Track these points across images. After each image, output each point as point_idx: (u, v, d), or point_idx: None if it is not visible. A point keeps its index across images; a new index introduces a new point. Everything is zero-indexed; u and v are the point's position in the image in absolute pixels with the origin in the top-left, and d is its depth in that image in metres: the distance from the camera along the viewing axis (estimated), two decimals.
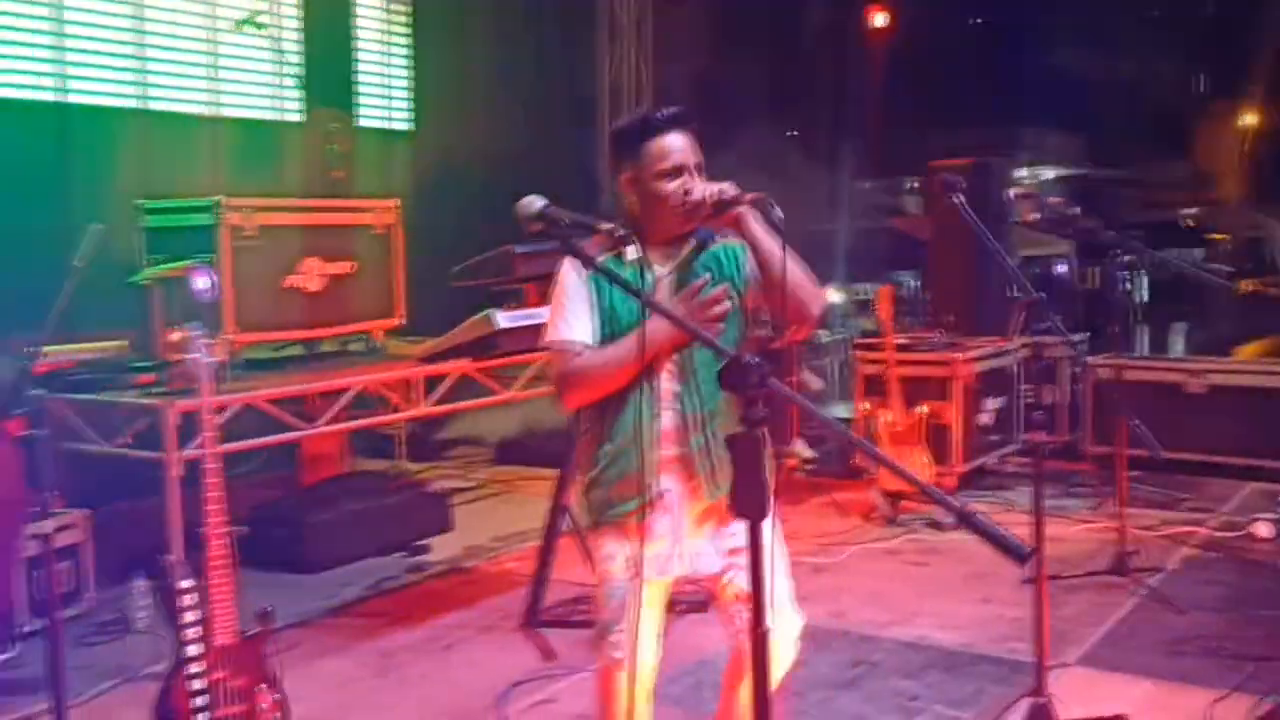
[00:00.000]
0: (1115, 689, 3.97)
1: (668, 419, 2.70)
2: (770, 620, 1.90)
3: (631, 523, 2.70)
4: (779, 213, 2.56)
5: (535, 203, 2.37)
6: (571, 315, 2.69)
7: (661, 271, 2.70)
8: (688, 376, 2.70)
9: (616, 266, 2.66)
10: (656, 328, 2.55)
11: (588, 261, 2.46)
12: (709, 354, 2.60)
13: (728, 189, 2.61)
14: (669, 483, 2.71)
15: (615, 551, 2.78)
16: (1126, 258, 9.43)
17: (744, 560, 2.01)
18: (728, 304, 2.54)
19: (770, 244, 2.60)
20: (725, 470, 2.64)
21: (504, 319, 4.29)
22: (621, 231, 2.61)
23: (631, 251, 2.59)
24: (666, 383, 2.70)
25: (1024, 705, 3.46)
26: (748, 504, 1.86)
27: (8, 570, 4.35)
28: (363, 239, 6.17)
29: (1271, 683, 3.91)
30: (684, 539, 2.77)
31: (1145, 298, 25.24)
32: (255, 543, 5.54)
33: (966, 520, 1.79)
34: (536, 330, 4.52)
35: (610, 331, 2.68)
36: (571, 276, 2.71)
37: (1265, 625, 4.49)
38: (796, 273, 2.65)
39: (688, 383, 2.70)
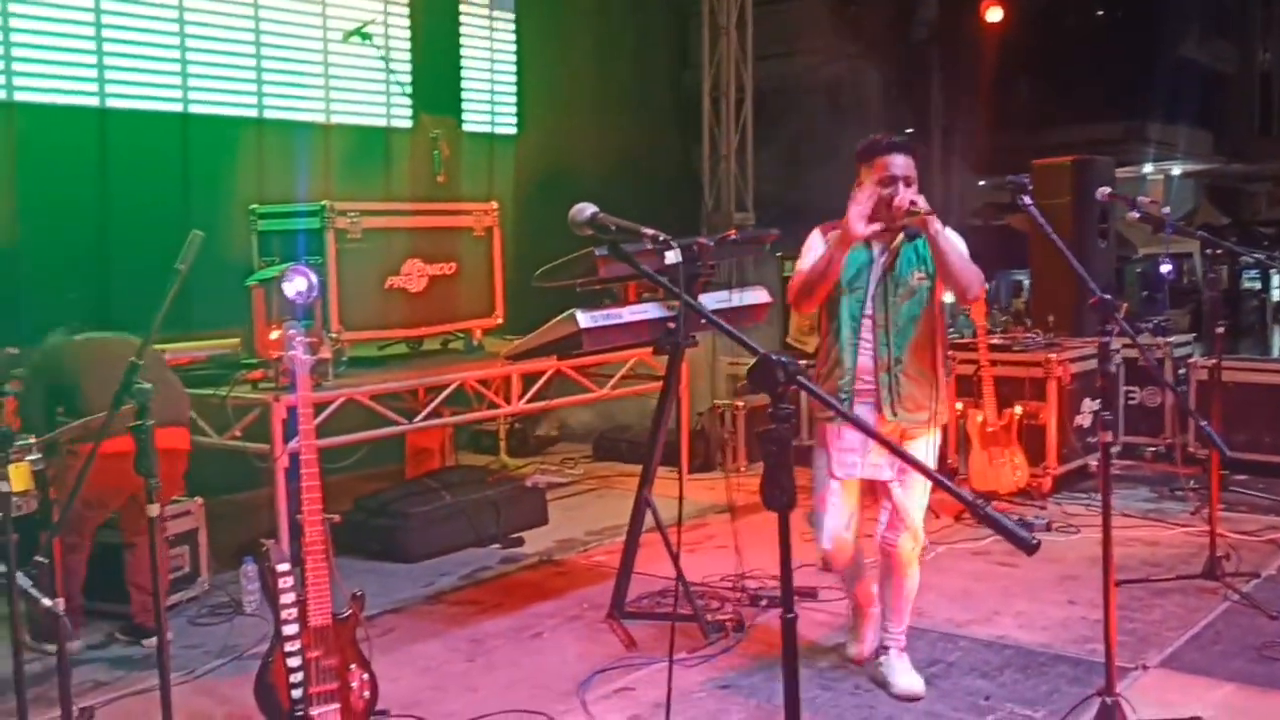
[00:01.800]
0: (1195, 692, 3.92)
1: (864, 359, 3.88)
2: (793, 610, 1.99)
3: (829, 427, 3.94)
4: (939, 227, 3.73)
5: (586, 210, 2.51)
6: (807, 257, 3.93)
7: (876, 251, 3.88)
8: (882, 329, 3.85)
9: (854, 249, 3.82)
10: (830, 253, 3.80)
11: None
12: (904, 312, 3.86)
13: (919, 200, 3.72)
14: (862, 407, 3.85)
15: (819, 455, 4.01)
16: (1255, 256, 9.13)
17: (908, 479, 3.91)
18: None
19: (945, 242, 3.76)
20: (906, 402, 3.86)
21: (587, 319, 4.42)
22: (662, 238, 2.74)
23: (671, 256, 2.74)
24: (866, 332, 3.87)
25: (1094, 704, 3.46)
26: (774, 497, 1.96)
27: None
28: (463, 241, 6.40)
29: None
30: (870, 451, 3.88)
31: (1277, 298, 24.13)
32: (359, 532, 5.85)
33: (976, 511, 1.86)
34: (621, 329, 4.67)
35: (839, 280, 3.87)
36: (816, 236, 3.98)
37: None
38: (962, 263, 3.78)
39: (883, 332, 3.85)
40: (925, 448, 3.97)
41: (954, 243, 3.80)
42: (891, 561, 4.09)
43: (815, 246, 3.94)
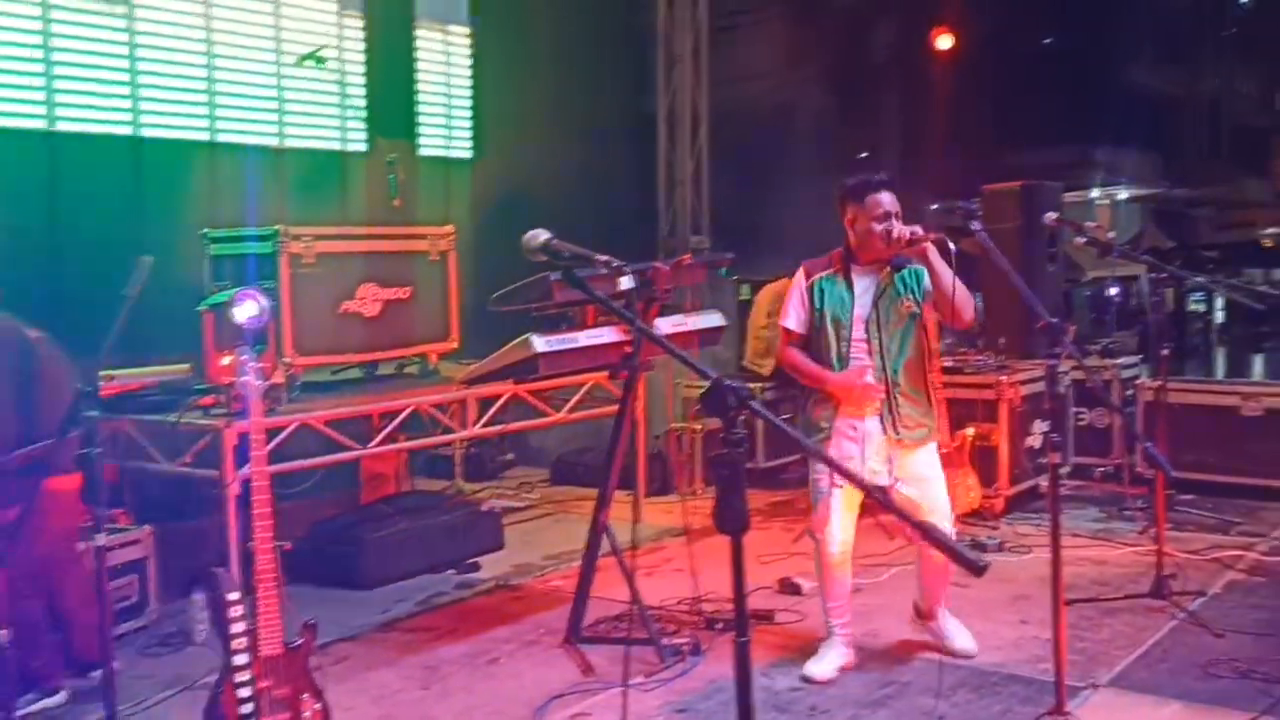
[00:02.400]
0: (1143, 710, 3.98)
1: (868, 378, 4.23)
2: (746, 635, 2.00)
3: (825, 444, 4.26)
4: (953, 247, 4.10)
5: (539, 235, 2.53)
6: (792, 309, 4.43)
7: (860, 286, 4.31)
8: (878, 354, 4.26)
9: (830, 282, 4.35)
10: (835, 383, 4.30)
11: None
12: (897, 336, 4.26)
13: (919, 230, 4.13)
14: (869, 423, 4.26)
15: (820, 466, 4.33)
16: (1198, 279, 9.32)
17: (919, 484, 4.34)
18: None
19: (943, 269, 4.15)
20: (905, 420, 4.28)
21: (543, 343, 4.43)
22: (615, 264, 2.77)
23: (625, 282, 2.76)
24: (865, 358, 4.27)
25: None
26: (728, 521, 1.97)
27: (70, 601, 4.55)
28: (419, 265, 6.39)
29: None
30: (868, 462, 4.28)
31: (1221, 320, 24.64)
32: (312, 559, 5.79)
33: (924, 532, 1.89)
34: (577, 354, 4.68)
35: (819, 323, 4.36)
36: (798, 280, 4.44)
37: None
38: (960, 289, 4.13)
39: (879, 357, 4.26)
40: (930, 455, 4.42)
41: (948, 270, 4.17)
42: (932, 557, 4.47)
43: (795, 293, 4.43)
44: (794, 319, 4.43)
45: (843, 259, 4.39)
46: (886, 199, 4.24)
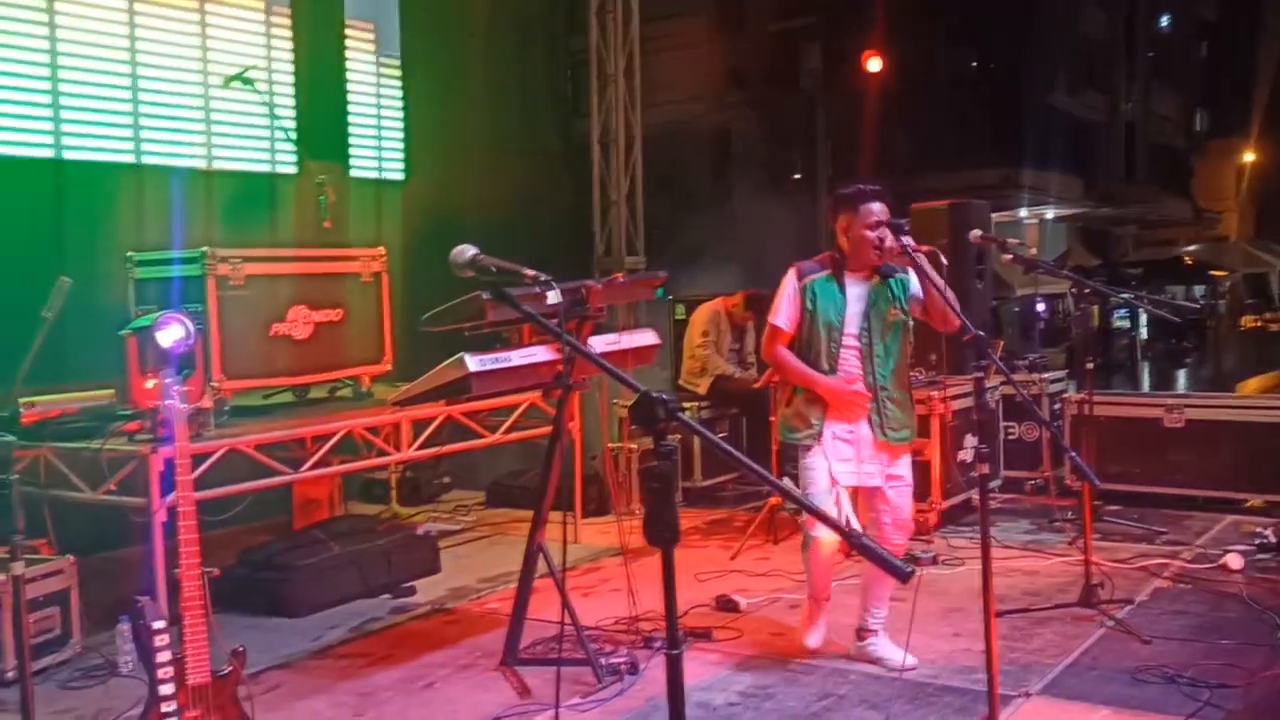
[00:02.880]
0: (1074, 717, 4.04)
1: (859, 386, 4.46)
2: (678, 646, 1.99)
3: (806, 445, 4.48)
4: (944, 260, 4.34)
5: (466, 251, 2.52)
6: (783, 307, 4.54)
7: (853, 291, 4.49)
8: (869, 359, 4.48)
9: (824, 285, 4.51)
10: (827, 388, 4.47)
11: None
12: (884, 345, 4.48)
13: (912, 242, 4.23)
14: (862, 427, 4.48)
15: (817, 464, 4.50)
16: (1124, 295, 9.52)
17: (896, 484, 4.55)
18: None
19: (937, 280, 4.32)
20: (892, 422, 4.49)
21: (475, 363, 4.39)
22: (543, 278, 2.77)
23: (552, 296, 2.76)
24: (855, 361, 4.48)
25: None
26: (657, 534, 1.97)
27: None
28: (350, 287, 6.33)
29: (1227, 710, 3.98)
30: (863, 463, 4.50)
31: (1145, 335, 25.30)
32: (243, 586, 5.68)
33: (854, 542, 1.90)
34: (510, 373, 4.65)
35: (810, 324, 4.51)
36: (790, 280, 4.55)
37: (1227, 654, 4.55)
38: (950, 297, 4.26)
39: (869, 362, 4.48)
40: (907, 458, 4.64)
41: (940, 281, 4.37)
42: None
43: (787, 292, 4.55)
44: (784, 317, 4.56)
45: (835, 263, 4.56)
46: (879, 208, 4.42)
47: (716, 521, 7.53)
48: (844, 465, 4.52)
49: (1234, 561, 5.78)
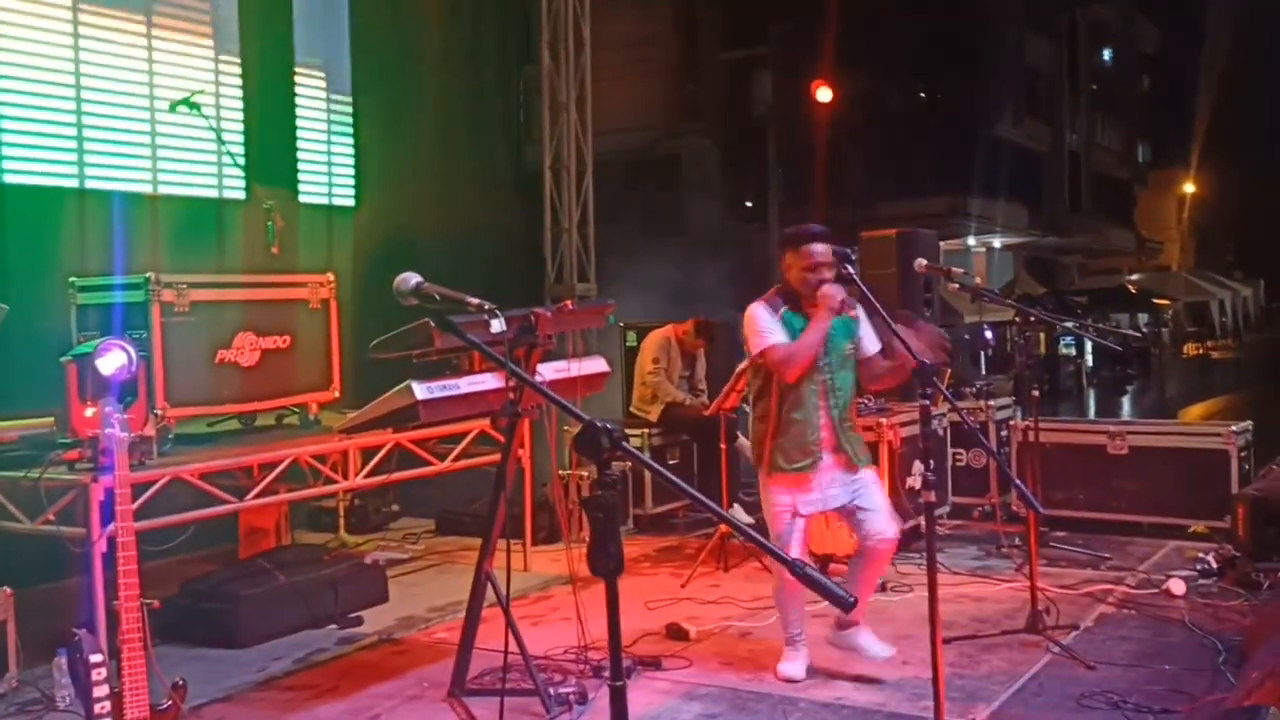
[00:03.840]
0: None
1: (823, 415, 4.65)
2: (622, 678, 1.99)
3: (804, 475, 4.64)
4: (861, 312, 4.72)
5: (410, 279, 2.51)
6: (773, 331, 4.62)
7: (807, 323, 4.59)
8: (831, 391, 4.64)
9: (791, 318, 4.63)
10: (818, 329, 4.56)
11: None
12: (842, 377, 4.67)
13: (844, 300, 4.55)
14: (825, 454, 4.64)
15: (785, 500, 4.68)
16: (1068, 323, 9.67)
17: (864, 490, 4.73)
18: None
19: (885, 331, 4.48)
20: (859, 450, 4.75)
21: (423, 390, 4.37)
22: (488, 305, 2.77)
23: (496, 325, 2.76)
24: (821, 395, 4.63)
25: None
26: (601, 564, 1.96)
27: None
28: (298, 313, 6.27)
29: None
30: (827, 489, 4.68)
31: (1091, 363, 25.67)
32: (186, 617, 5.58)
33: (795, 572, 1.90)
34: (458, 401, 4.64)
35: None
36: (763, 311, 4.67)
37: (1170, 679, 4.61)
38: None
39: (831, 394, 4.64)
40: (874, 474, 4.85)
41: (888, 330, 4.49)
42: (881, 552, 4.79)
43: (768, 321, 4.64)
44: (779, 336, 4.62)
45: (790, 299, 4.69)
46: (820, 249, 4.57)
47: (667, 549, 7.52)
48: (811, 495, 4.69)
49: (1177, 587, 5.86)
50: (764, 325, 4.65)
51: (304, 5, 8.39)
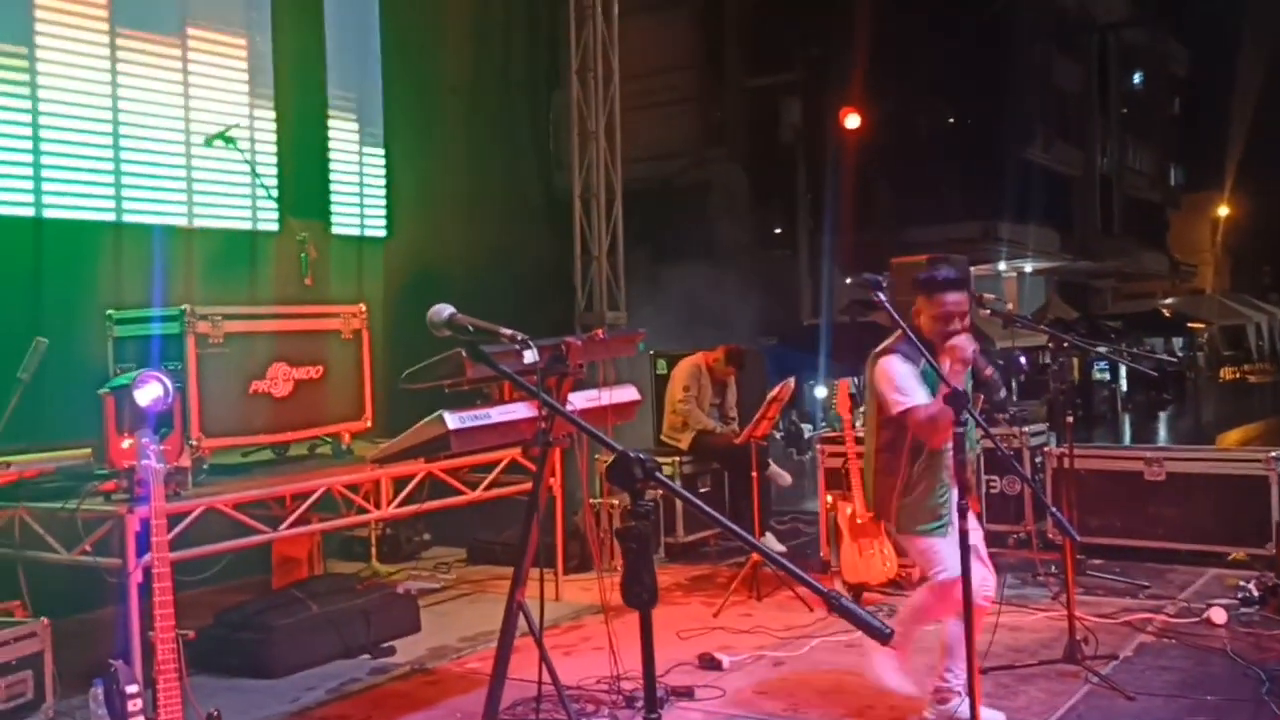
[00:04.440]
0: None
1: (952, 473, 4.10)
2: (656, 710, 1.98)
3: (936, 538, 4.33)
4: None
5: (443, 311, 2.52)
6: (915, 390, 4.30)
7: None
8: (960, 447, 3.94)
9: (928, 371, 4.29)
10: (958, 357, 4.25)
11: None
12: (971, 429, 4.18)
13: (969, 349, 4.25)
14: (951, 515, 4.18)
15: (949, 548, 4.16)
16: (1102, 349, 9.59)
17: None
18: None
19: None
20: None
21: (455, 420, 4.39)
22: (520, 337, 2.77)
23: (529, 356, 2.76)
24: (953, 450, 4.01)
25: None
26: (635, 595, 1.95)
27: None
28: (330, 344, 6.32)
29: None
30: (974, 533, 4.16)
31: (1125, 388, 25.41)
32: (220, 647, 5.61)
33: (832, 604, 1.89)
34: (490, 430, 4.65)
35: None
36: (900, 363, 4.35)
37: (1212, 710, 4.53)
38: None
39: (961, 449, 3.97)
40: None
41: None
42: (987, 612, 4.64)
43: (910, 379, 4.33)
44: (923, 394, 4.32)
45: (922, 346, 4.25)
46: (952, 300, 4.37)
47: (699, 577, 7.48)
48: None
49: (1218, 616, 5.77)
50: (906, 383, 4.33)
51: (336, 38, 8.51)
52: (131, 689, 3.39)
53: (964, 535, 3.73)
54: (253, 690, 5.35)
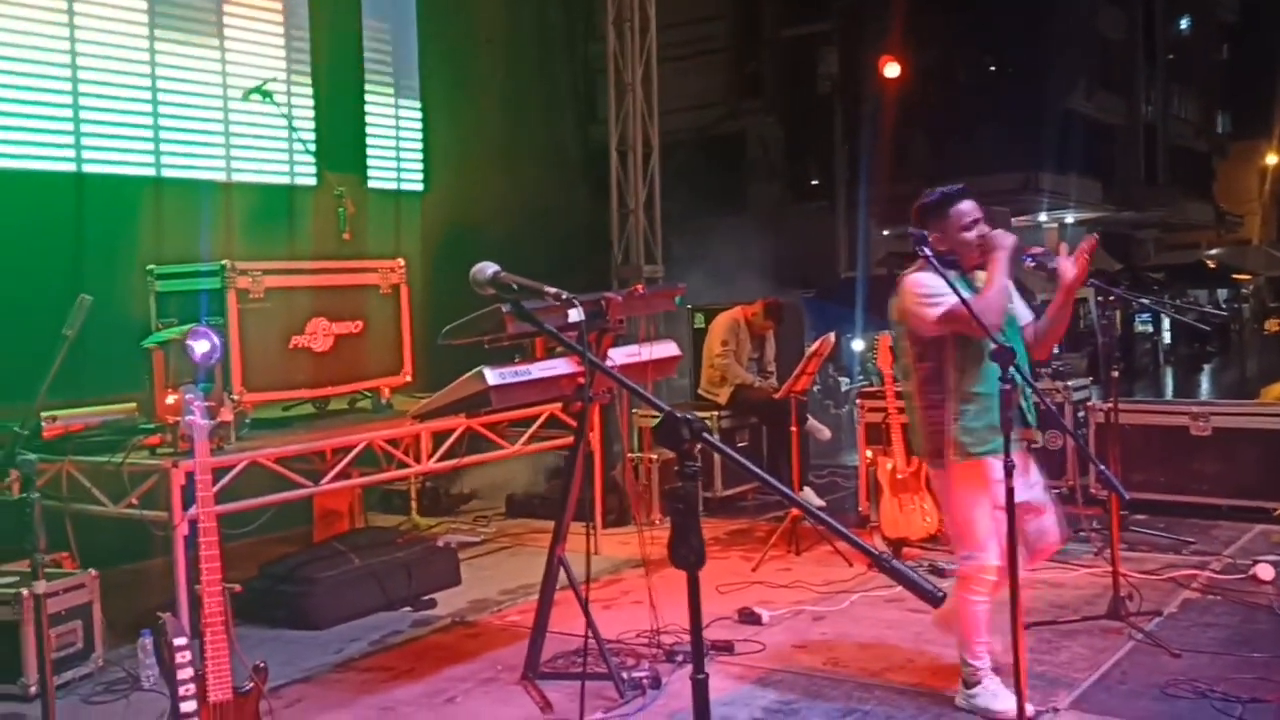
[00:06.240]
0: None
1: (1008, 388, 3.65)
2: (704, 671, 1.96)
3: (999, 456, 3.68)
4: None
5: (487, 269, 2.49)
6: (947, 292, 3.90)
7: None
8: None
9: (961, 281, 4.03)
10: (1001, 272, 4.00)
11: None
12: (1018, 344, 4.03)
13: (1010, 238, 4.07)
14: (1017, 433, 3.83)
15: (985, 482, 4.00)
16: (1143, 301, 9.44)
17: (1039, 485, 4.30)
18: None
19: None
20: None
21: (495, 376, 4.37)
22: (565, 295, 2.74)
23: (574, 314, 2.73)
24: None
25: None
26: (682, 557, 1.94)
27: None
28: (370, 299, 6.32)
29: None
30: (1021, 475, 3.83)
31: (1169, 340, 25.09)
32: (264, 599, 5.68)
33: (881, 565, 1.86)
34: (530, 386, 4.63)
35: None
36: (927, 275, 4.00)
37: (1259, 667, 4.48)
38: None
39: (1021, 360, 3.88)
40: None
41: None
42: (1044, 555, 4.36)
43: (938, 284, 3.94)
44: (953, 297, 3.90)
45: (950, 264, 4.07)
46: (967, 207, 4.14)
47: (737, 532, 7.49)
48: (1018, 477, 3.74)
49: (1264, 572, 5.70)
50: (935, 289, 3.99)
51: None
52: (179, 641, 3.42)
53: (1010, 493, 3.51)
54: (296, 641, 5.42)
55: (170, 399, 4.76)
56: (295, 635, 5.51)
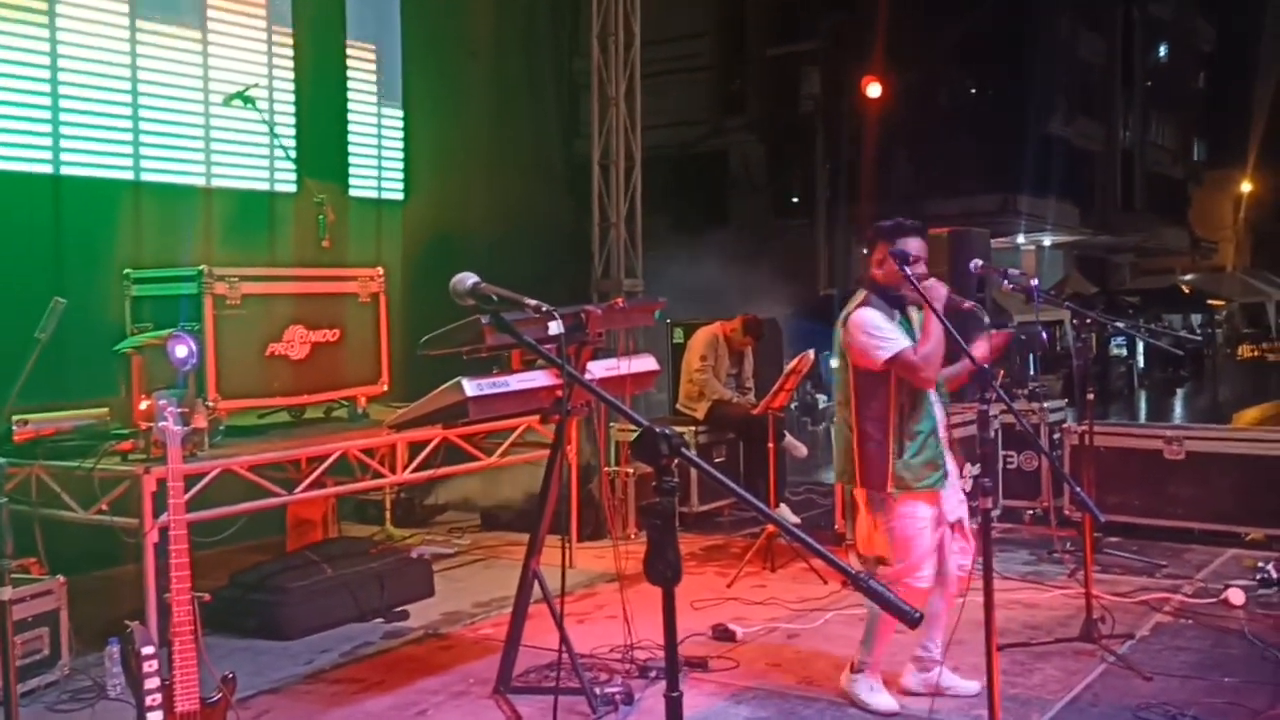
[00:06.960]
0: None
1: (940, 414, 4.39)
2: (678, 689, 1.95)
3: (937, 490, 4.34)
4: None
5: (467, 279, 2.48)
6: (896, 335, 4.30)
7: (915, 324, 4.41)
8: (939, 398, 4.39)
9: (904, 322, 4.42)
10: (939, 326, 4.16)
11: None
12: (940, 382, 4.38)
13: (944, 290, 4.24)
14: (949, 465, 4.39)
15: (924, 513, 4.35)
16: (1117, 324, 9.51)
17: (964, 511, 4.50)
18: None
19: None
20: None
21: (473, 387, 4.36)
22: (545, 308, 2.73)
23: (554, 327, 2.72)
24: (936, 402, 4.38)
25: None
26: (658, 573, 1.92)
27: None
28: (348, 307, 6.29)
29: None
30: (947, 502, 4.42)
31: (1143, 364, 25.20)
32: (234, 608, 5.62)
33: (857, 583, 1.85)
34: (508, 398, 4.62)
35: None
36: (876, 314, 4.34)
37: (1230, 692, 4.50)
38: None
39: (940, 399, 4.40)
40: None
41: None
42: (962, 585, 4.56)
43: (889, 325, 4.32)
44: (905, 339, 4.33)
45: (887, 298, 4.41)
46: (916, 245, 4.31)
47: (713, 547, 7.47)
48: (935, 511, 4.41)
49: (1236, 597, 5.73)
50: (884, 330, 4.29)
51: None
52: (147, 650, 3.38)
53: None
54: (267, 652, 5.37)
55: (143, 405, 4.71)
56: (265, 645, 5.45)
